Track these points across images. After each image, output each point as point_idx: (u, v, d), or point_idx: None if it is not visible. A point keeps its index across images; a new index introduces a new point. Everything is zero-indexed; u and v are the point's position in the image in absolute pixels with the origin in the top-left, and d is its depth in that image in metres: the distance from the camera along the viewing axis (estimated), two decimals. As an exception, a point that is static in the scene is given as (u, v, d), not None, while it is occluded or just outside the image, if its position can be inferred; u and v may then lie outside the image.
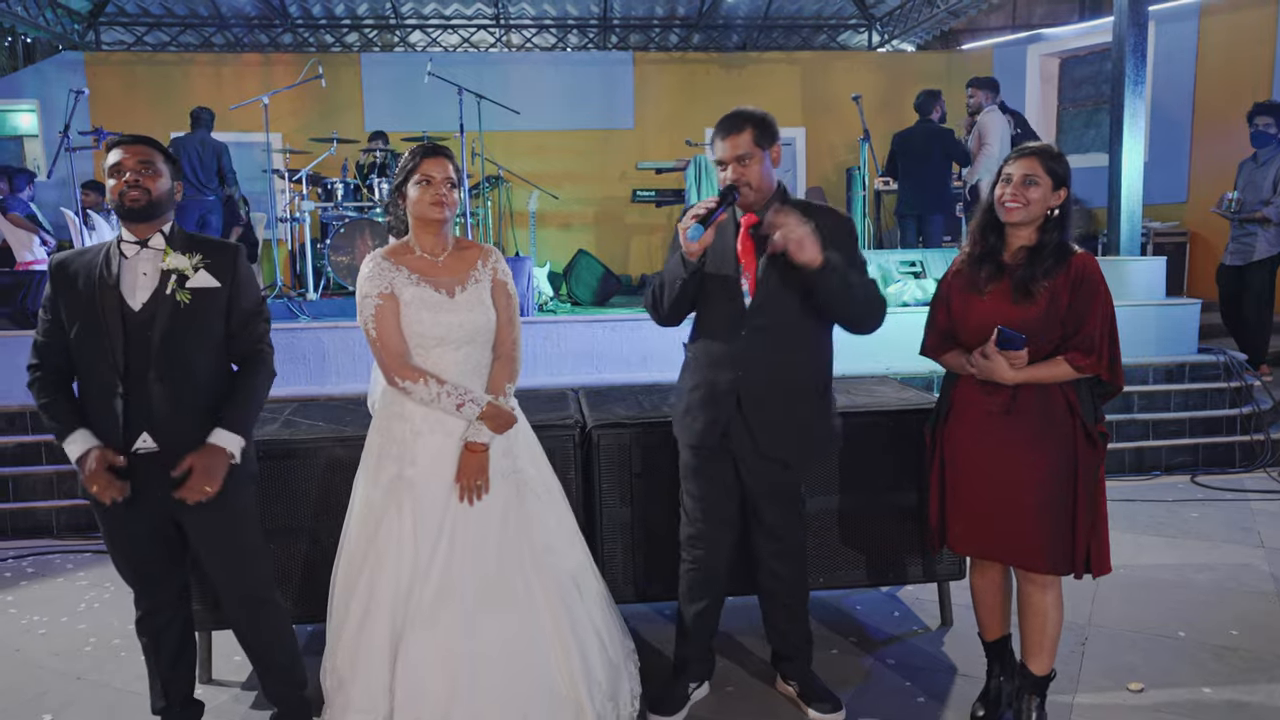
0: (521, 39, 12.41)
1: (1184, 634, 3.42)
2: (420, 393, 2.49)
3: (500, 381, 2.60)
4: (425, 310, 2.50)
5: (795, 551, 2.90)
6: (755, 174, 2.59)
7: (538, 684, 2.50)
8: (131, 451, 2.38)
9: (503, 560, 2.54)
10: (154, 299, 2.40)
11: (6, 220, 7.90)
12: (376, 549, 2.52)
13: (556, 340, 5.73)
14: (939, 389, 2.89)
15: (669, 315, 2.75)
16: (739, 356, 2.65)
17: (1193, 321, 6.26)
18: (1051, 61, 11.06)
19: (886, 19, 12.10)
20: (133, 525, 2.46)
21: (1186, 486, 5.42)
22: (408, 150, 2.60)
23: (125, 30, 11.65)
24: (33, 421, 5.19)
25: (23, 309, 5.78)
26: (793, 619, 2.95)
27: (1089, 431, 2.55)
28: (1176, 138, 9.41)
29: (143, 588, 2.57)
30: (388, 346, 2.50)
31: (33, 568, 4.48)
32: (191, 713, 2.76)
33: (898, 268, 6.61)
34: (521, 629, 2.51)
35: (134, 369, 2.37)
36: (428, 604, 2.46)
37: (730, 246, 2.65)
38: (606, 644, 2.70)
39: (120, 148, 2.43)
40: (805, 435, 2.74)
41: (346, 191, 7.63)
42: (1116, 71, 6.79)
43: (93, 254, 2.46)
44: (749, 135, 2.58)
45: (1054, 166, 2.54)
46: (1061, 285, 2.51)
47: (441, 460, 2.51)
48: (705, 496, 2.81)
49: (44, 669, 3.33)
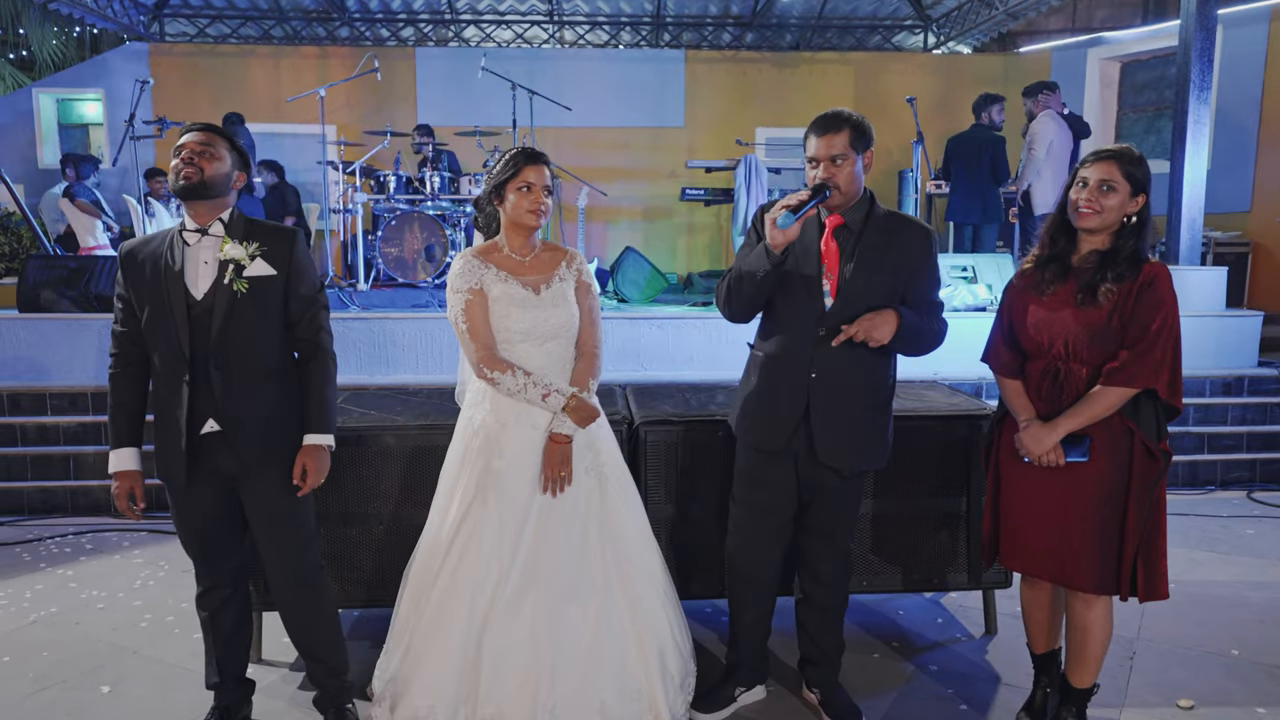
0: (574, 36, 12.46)
1: (1237, 652, 3.34)
2: (507, 383, 2.56)
3: (584, 377, 2.67)
4: (512, 305, 2.59)
5: (841, 556, 2.85)
6: (846, 176, 2.56)
7: (615, 674, 2.56)
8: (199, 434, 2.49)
9: (585, 552, 2.60)
10: (213, 288, 2.48)
11: (73, 206, 8.13)
12: (461, 539, 2.58)
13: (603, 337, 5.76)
14: (987, 395, 2.86)
15: (742, 309, 2.71)
16: (815, 357, 2.62)
17: (1254, 334, 6.12)
18: (1112, 65, 10.84)
19: (943, 20, 11.95)
20: (199, 501, 2.56)
21: (1242, 502, 5.29)
22: (508, 153, 2.64)
23: (188, 22, 11.93)
24: (94, 402, 5.35)
25: (86, 293, 5.94)
26: (826, 625, 2.90)
27: (1149, 448, 2.46)
28: (1242, 145, 9.17)
29: (205, 563, 2.65)
30: (477, 339, 2.59)
31: (91, 544, 4.61)
32: (243, 690, 2.83)
33: (949, 272, 6.53)
34: (601, 620, 2.57)
35: (198, 357, 2.47)
36: (513, 591, 2.52)
37: (814, 246, 2.63)
38: (679, 639, 2.76)
39: (188, 131, 2.52)
40: (863, 445, 2.70)
41: (399, 184, 7.73)
42: (1181, 76, 6.64)
43: (158, 242, 2.54)
44: (845, 136, 2.55)
45: (1133, 171, 2.45)
46: (1128, 293, 2.42)
47: (527, 452, 2.58)
48: (758, 503, 2.78)
49: (102, 642, 3.44)
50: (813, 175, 2.59)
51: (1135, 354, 2.40)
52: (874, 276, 2.58)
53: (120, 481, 2.56)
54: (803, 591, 2.92)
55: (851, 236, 2.62)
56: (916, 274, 2.63)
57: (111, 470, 2.57)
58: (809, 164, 2.60)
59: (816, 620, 2.90)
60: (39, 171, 11.00)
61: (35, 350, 5.54)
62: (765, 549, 2.82)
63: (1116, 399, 2.43)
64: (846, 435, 2.66)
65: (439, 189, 7.65)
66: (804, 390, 2.64)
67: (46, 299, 5.86)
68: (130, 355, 2.56)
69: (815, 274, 2.61)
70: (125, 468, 2.56)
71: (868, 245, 2.60)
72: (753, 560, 2.84)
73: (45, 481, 5.21)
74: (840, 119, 2.57)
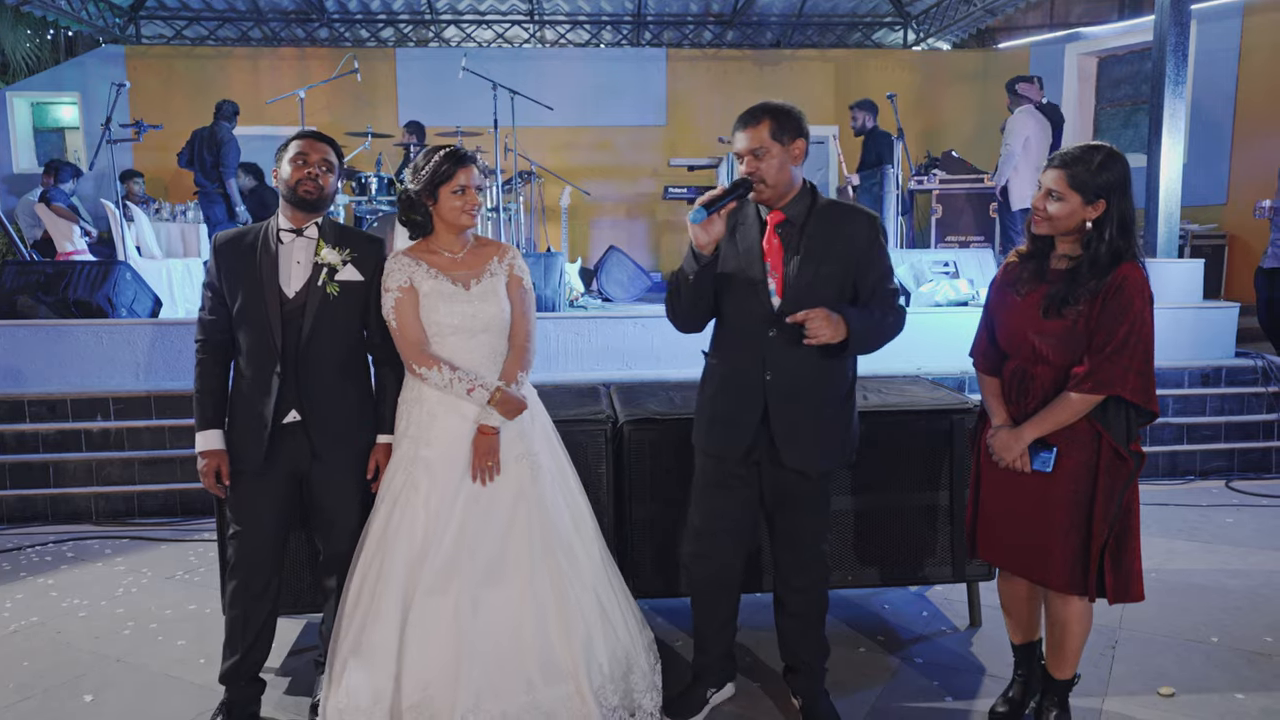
0: (555, 35, 12.45)
1: (1217, 639, 3.38)
2: (435, 378, 2.63)
3: (512, 370, 2.71)
4: (441, 300, 2.66)
5: (815, 564, 2.76)
6: (771, 169, 2.49)
7: (540, 655, 2.59)
8: (281, 423, 2.66)
9: (512, 538, 2.63)
10: (306, 288, 2.67)
11: (49, 210, 8.06)
12: (393, 525, 2.62)
13: (587, 336, 5.77)
14: (970, 389, 2.88)
15: (686, 317, 2.68)
16: (768, 359, 2.57)
17: (1230, 325, 6.18)
18: (1089, 61, 10.93)
19: (922, 17, 12.01)
20: (268, 488, 2.71)
21: (1221, 491, 5.35)
22: (436, 154, 2.66)
23: (165, 24, 11.84)
24: (73, 408, 5.30)
25: (64, 299, 5.87)
26: (805, 633, 2.82)
27: (1118, 450, 2.44)
28: (1217, 138, 9.27)
29: (255, 554, 2.74)
30: (405, 335, 2.67)
31: (72, 552, 4.57)
32: (255, 689, 2.87)
33: (931, 267, 6.57)
34: (526, 603, 2.60)
35: (289, 351, 2.64)
36: (438, 573, 2.56)
37: (756, 246, 2.58)
38: (616, 628, 2.74)
39: (309, 140, 2.70)
40: (826, 444, 2.65)
41: (380, 185, 7.70)
42: (1156, 71, 6.70)
43: (252, 236, 2.73)
44: (766, 128, 2.48)
45: (1084, 179, 2.38)
46: (1095, 299, 2.39)
47: (456, 441, 2.64)
48: (716, 510, 2.74)
49: (84, 651, 3.41)
50: (740, 170, 2.54)
51: (1101, 360, 2.38)
52: (821, 269, 2.53)
53: (208, 460, 2.68)
54: (778, 599, 2.86)
55: (794, 231, 2.57)
56: (865, 263, 2.57)
57: (199, 450, 2.69)
58: (737, 160, 2.56)
59: (794, 629, 2.83)
60: (14, 176, 10.90)
61: (12, 357, 5.48)
62: (722, 552, 2.78)
63: (1082, 405, 2.42)
64: (808, 436, 2.61)
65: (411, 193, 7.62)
66: (760, 393, 2.59)
67: (23, 305, 5.80)
68: (216, 342, 2.72)
69: (760, 274, 2.56)
70: (213, 446, 2.69)
71: (811, 238, 2.55)
72: (712, 570, 2.79)
73: (24, 490, 5.16)
74: (761, 110, 2.52)
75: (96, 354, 5.53)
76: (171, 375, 5.53)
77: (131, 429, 5.30)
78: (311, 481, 2.74)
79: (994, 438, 2.57)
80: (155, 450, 5.28)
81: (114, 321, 5.72)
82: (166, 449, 5.28)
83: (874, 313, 2.55)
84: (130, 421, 5.32)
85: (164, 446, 5.29)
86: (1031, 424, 2.49)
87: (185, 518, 5.12)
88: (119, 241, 7.31)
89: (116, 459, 5.24)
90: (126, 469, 5.24)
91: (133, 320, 5.84)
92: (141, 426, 5.31)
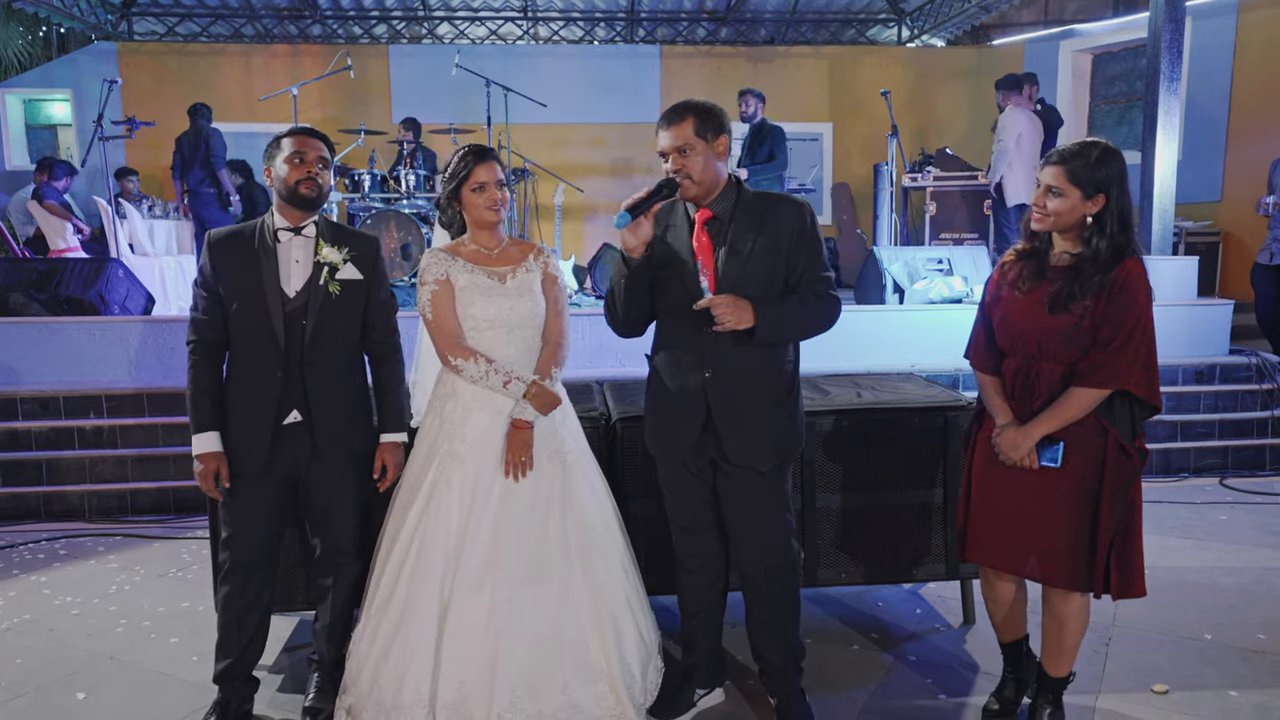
0: (549, 32, 12.42)
1: (1210, 637, 3.39)
2: (471, 370, 2.62)
3: (547, 365, 2.72)
4: (478, 294, 2.66)
5: (777, 566, 2.70)
6: (696, 166, 2.49)
7: (576, 656, 2.59)
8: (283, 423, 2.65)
9: (547, 535, 2.63)
10: (307, 288, 2.65)
11: (42, 208, 8.02)
12: (426, 520, 2.61)
13: (580, 333, 5.75)
14: (965, 386, 2.87)
15: (625, 322, 2.68)
16: (706, 356, 2.55)
17: (1224, 322, 6.19)
18: (1084, 58, 10.94)
19: (916, 14, 12.01)
20: (266, 490, 2.69)
21: (1215, 489, 5.36)
22: (456, 155, 2.71)
23: (157, 21, 11.79)
24: (66, 406, 5.28)
25: (56, 296, 5.86)
26: (772, 638, 2.76)
27: (1124, 446, 2.45)
28: (1211, 136, 9.27)
29: (246, 560, 2.72)
30: (442, 328, 2.67)
31: (65, 550, 4.55)
32: (249, 687, 2.86)
33: (925, 264, 6.56)
34: (562, 602, 2.60)
35: (291, 352, 2.63)
36: (475, 571, 2.55)
37: (685, 244, 2.58)
38: (641, 628, 2.76)
39: (303, 138, 2.67)
40: (773, 439, 2.61)
41: (373, 183, 7.67)
42: (1151, 68, 6.70)
43: (248, 234, 2.69)
44: (689, 125, 2.48)
45: (1083, 174, 2.39)
46: (1101, 294, 2.39)
47: (490, 437, 2.63)
48: (682, 512, 2.76)
49: (77, 649, 3.40)
50: (665, 169, 2.54)
51: (1107, 354, 2.38)
52: (750, 261, 2.51)
53: (206, 463, 2.65)
54: (746, 605, 2.82)
55: (722, 226, 2.56)
56: (795, 250, 2.55)
57: (197, 453, 2.66)
58: (661, 159, 2.54)
59: (760, 635, 2.80)
60: (7, 173, 10.84)
61: (4, 354, 5.45)
62: (704, 550, 2.80)
63: (1090, 400, 2.42)
64: (753, 431, 2.58)
65: (414, 187, 7.61)
66: (701, 392, 2.57)
67: (15, 302, 5.78)
68: (210, 341, 2.68)
69: (691, 272, 2.55)
70: (211, 449, 2.65)
71: (738, 231, 2.54)
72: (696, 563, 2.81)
73: (17, 487, 5.14)
74: (683, 108, 2.52)
75: (89, 351, 5.51)
76: (164, 373, 5.51)
77: (124, 426, 5.29)
78: (310, 481, 2.72)
79: (999, 436, 2.56)
80: (148, 448, 5.27)
81: (106, 319, 5.70)
82: (159, 446, 5.27)
83: (790, 300, 2.54)
84: (123, 419, 5.30)
85: (156, 444, 5.28)
86: (1039, 421, 2.48)
87: (178, 515, 5.11)
88: (111, 239, 7.28)
89: (109, 456, 5.23)
90: (119, 466, 5.23)
91: (125, 318, 5.81)
92: (134, 424, 5.29)
